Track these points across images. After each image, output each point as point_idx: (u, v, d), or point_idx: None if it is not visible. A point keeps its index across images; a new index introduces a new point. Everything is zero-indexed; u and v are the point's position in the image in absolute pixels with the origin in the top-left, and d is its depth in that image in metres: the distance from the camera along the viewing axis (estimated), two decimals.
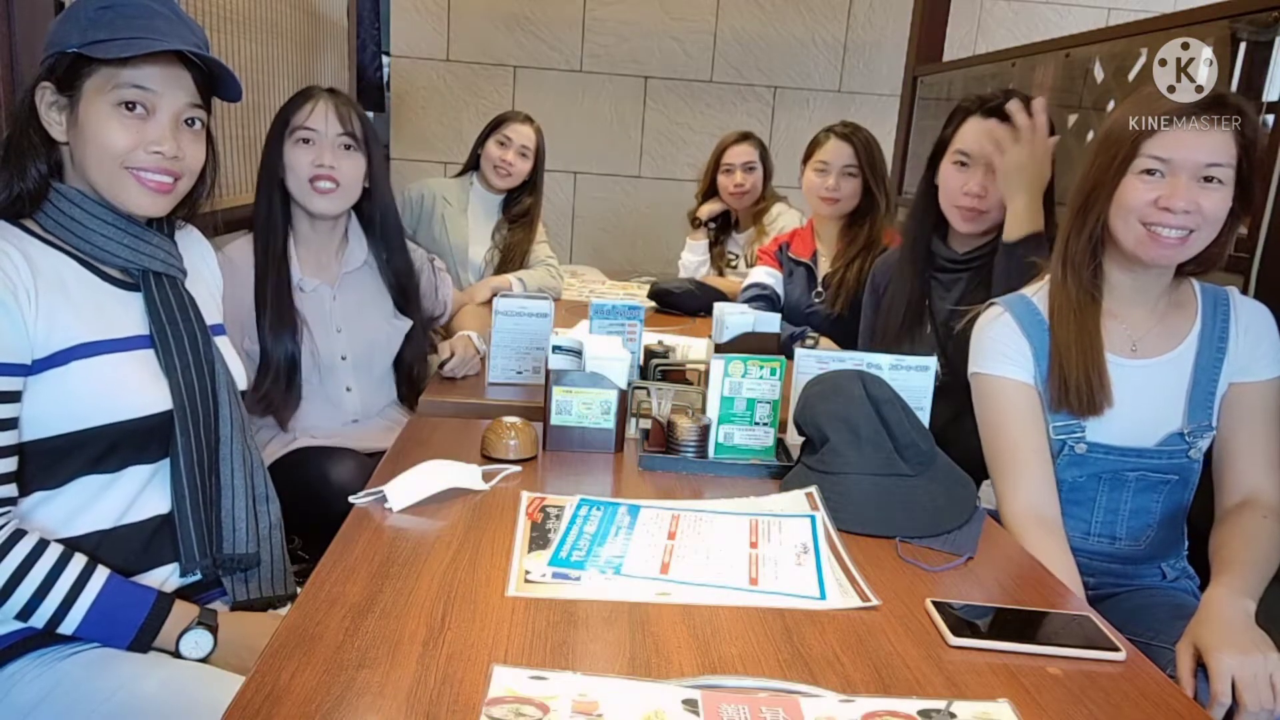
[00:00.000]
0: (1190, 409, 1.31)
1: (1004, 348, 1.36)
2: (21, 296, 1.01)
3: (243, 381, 1.25)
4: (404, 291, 1.83)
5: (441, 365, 1.79)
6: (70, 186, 1.10)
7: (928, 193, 1.76)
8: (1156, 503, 1.34)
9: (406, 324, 1.82)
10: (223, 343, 1.24)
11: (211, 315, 1.25)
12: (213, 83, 1.15)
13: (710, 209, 3.08)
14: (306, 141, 1.66)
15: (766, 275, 2.43)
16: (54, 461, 1.05)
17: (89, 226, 1.09)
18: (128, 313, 1.12)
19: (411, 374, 1.85)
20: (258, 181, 1.72)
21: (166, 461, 1.13)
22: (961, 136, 1.70)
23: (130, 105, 1.07)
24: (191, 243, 1.28)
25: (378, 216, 1.80)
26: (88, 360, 1.05)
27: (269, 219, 1.69)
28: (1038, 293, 1.38)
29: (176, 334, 1.14)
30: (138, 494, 1.11)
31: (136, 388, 1.09)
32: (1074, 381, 1.29)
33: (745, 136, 3.03)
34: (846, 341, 2.12)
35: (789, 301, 2.38)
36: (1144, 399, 1.31)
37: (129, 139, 1.07)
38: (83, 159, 1.09)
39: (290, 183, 1.68)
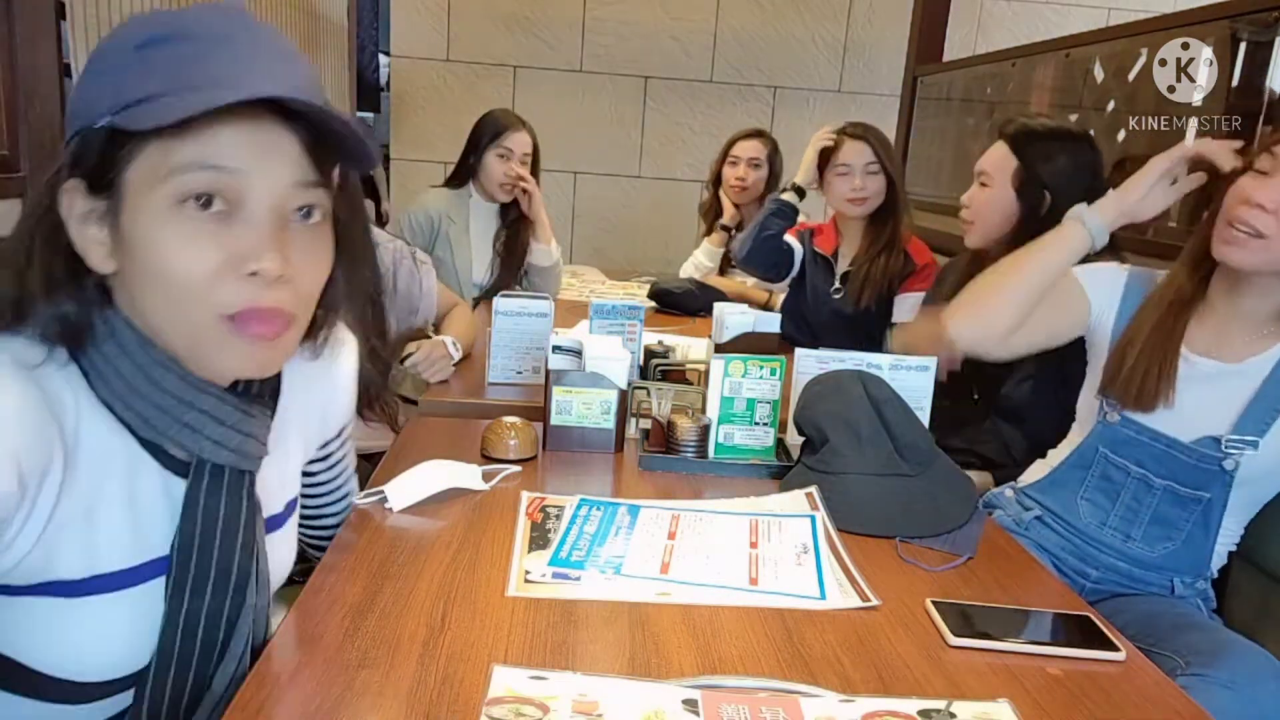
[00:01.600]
0: (1242, 419, 1.25)
1: (1097, 276, 1.41)
2: (20, 513, 0.67)
3: (282, 578, 0.92)
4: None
5: (403, 360, 1.73)
6: (121, 319, 0.72)
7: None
8: (1186, 521, 1.30)
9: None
10: (276, 540, 0.88)
11: (284, 493, 0.91)
12: (326, 144, 0.73)
13: (731, 213, 3.07)
14: None
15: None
16: None
17: (137, 388, 0.72)
18: (161, 516, 0.77)
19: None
20: None
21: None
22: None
23: (203, 200, 0.68)
24: (324, 373, 0.93)
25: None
26: (57, 601, 0.71)
27: None
28: (1158, 274, 1.39)
29: (204, 561, 0.76)
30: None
31: (111, 644, 0.74)
32: (1127, 371, 1.30)
33: (758, 134, 3.03)
34: (869, 336, 2.13)
35: (811, 286, 2.39)
36: (1194, 397, 1.28)
37: (206, 257, 0.68)
38: (142, 302, 0.71)
39: None
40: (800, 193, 2.35)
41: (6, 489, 0.64)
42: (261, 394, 0.82)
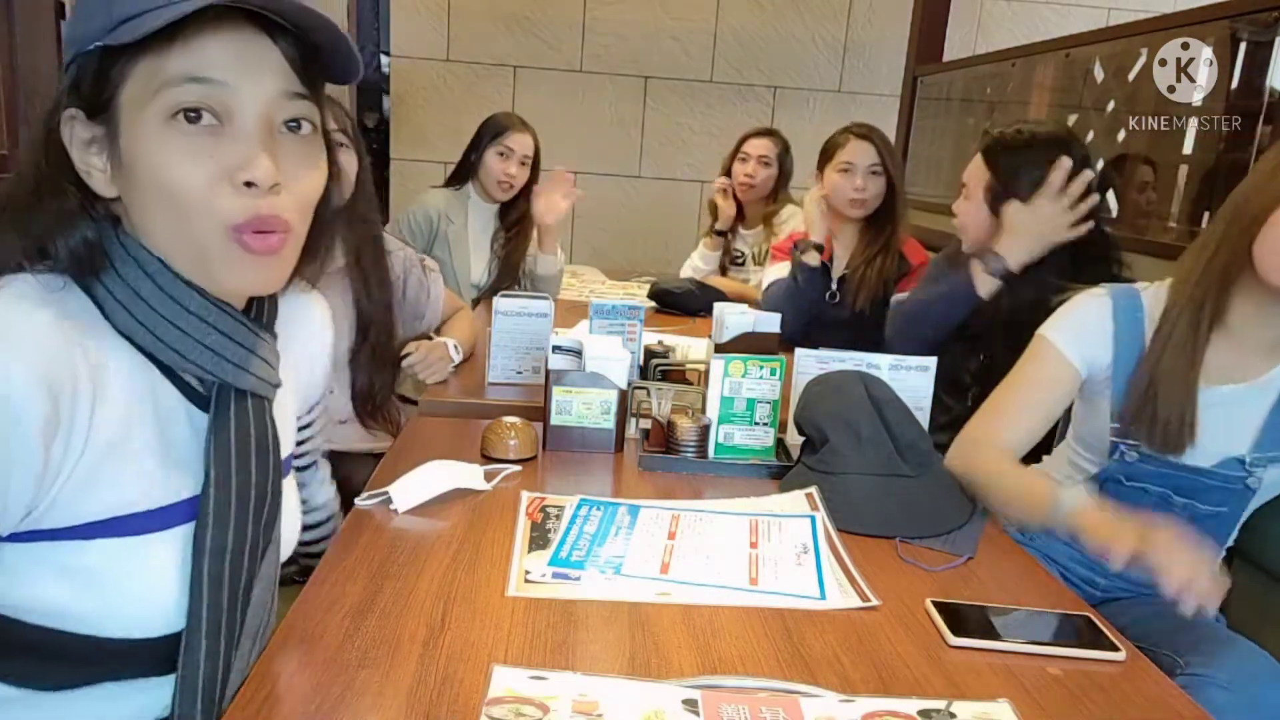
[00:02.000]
0: (1261, 436, 1.23)
1: (1082, 329, 1.31)
2: (60, 433, 0.66)
3: (293, 544, 0.91)
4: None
5: (402, 358, 1.74)
6: (136, 242, 0.73)
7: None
8: (1198, 531, 1.28)
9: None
10: (286, 485, 0.86)
11: (286, 441, 0.89)
12: (314, 58, 0.73)
13: (727, 216, 3.06)
14: None
15: (784, 271, 2.42)
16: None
17: (157, 309, 0.72)
18: (189, 449, 0.76)
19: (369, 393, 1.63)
20: None
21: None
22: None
23: (192, 114, 0.69)
24: (306, 315, 0.95)
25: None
26: (110, 543, 0.71)
27: None
28: (1146, 290, 1.30)
29: (243, 495, 0.76)
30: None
31: (156, 588, 0.74)
32: (1163, 417, 1.21)
33: (770, 132, 3.03)
34: (866, 338, 2.13)
35: (806, 290, 2.38)
36: (1212, 422, 1.23)
37: (200, 169, 0.69)
38: (148, 224, 0.72)
39: None
40: (819, 248, 2.30)
41: (41, 406, 0.64)
42: (269, 324, 0.82)
